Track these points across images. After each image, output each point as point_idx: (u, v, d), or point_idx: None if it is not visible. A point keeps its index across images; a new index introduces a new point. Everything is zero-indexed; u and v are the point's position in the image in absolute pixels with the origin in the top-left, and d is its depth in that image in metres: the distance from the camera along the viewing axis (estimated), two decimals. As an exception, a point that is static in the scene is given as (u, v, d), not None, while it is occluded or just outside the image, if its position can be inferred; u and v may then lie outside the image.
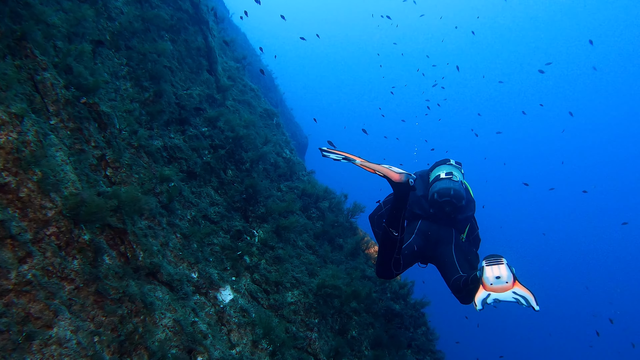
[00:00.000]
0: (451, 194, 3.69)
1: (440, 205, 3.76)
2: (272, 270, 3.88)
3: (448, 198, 3.70)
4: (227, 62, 7.37)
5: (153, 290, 2.93)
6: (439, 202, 3.74)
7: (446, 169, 3.97)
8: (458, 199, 3.71)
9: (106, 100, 3.66)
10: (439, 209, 3.80)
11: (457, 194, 3.70)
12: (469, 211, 3.92)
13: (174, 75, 4.95)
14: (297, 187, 5.40)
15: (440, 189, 3.76)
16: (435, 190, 3.81)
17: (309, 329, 3.60)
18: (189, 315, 3.06)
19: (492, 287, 2.78)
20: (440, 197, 3.74)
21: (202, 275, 3.43)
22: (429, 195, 3.90)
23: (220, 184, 4.38)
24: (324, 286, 3.88)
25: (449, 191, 3.71)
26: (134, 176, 3.33)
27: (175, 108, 4.60)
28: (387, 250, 3.16)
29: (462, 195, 3.73)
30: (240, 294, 3.53)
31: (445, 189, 3.73)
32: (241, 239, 3.99)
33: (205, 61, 5.76)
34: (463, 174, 4.10)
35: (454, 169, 4.00)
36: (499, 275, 2.77)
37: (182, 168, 4.07)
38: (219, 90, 5.77)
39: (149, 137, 3.95)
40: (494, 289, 2.77)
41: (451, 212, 3.79)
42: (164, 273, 3.06)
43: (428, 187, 4.00)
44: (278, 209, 4.54)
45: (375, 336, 3.98)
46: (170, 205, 3.54)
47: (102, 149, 3.20)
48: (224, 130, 4.89)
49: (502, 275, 2.76)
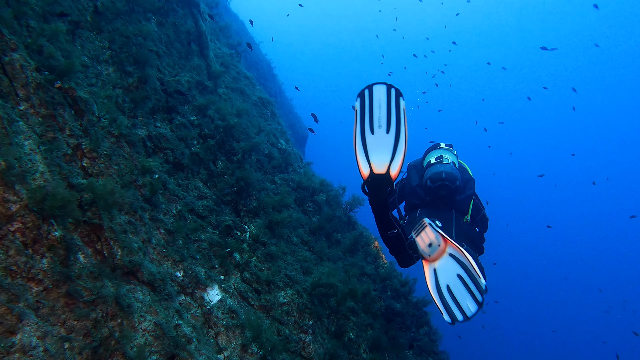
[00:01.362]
0: (443, 177, 3.70)
1: (435, 191, 3.77)
2: (264, 268, 3.71)
3: (440, 182, 3.72)
4: (221, 48, 7.14)
5: (132, 290, 2.76)
6: (432, 188, 3.77)
7: (436, 154, 4.00)
8: (451, 181, 3.71)
9: (85, 85, 3.46)
10: (435, 195, 3.81)
11: (449, 176, 3.70)
12: (468, 190, 3.90)
13: (160, 60, 4.74)
14: (292, 179, 5.21)
15: (432, 174, 3.78)
16: (427, 177, 3.82)
17: (303, 331, 3.44)
18: (172, 318, 2.89)
19: (431, 257, 2.73)
20: (433, 183, 3.76)
21: (188, 274, 3.26)
22: (423, 183, 3.90)
23: (209, 176, 4.20)
24: (319, 285, 3.71)
25: (440, 175, 3.72)
26: (113, 167, 3.15)
27: (161, 95, 4.40)
28: (396, 247, 3.11)
29: (455, 176, 3.73)
30: (229, 293, 3.37)
31: (437, 173, 3.75)
32: (231, 234, 3.82)
33: (195, 46, 5.54)
34: (456, 155, 4.12)
35: (444, 152, 4.02)
36: (430, 242, 2.75)
37: (167, 159, 3.89)
38: (210, 77, 5.56)
39: (132, 125, 3.76)
40: (434, 258, 2.73)
41: (447, 195, 3.78)
42: (145, 272, 2.89)
43: (422, 175, 4.01)
44: (271, 202, 4.36)
45: (374, 338, 3.82)
46: (154, 199, 3.36)
47: (78, 138, 3.01)
48: (215, 119, 4.69)
49: (432, 240, 2.73)
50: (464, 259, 2.58)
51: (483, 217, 4.01)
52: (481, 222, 3.97)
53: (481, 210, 3.99)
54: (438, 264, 2.71)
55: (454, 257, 2.65)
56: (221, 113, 4.80)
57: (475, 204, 3.95)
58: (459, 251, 2.62)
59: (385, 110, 2.64)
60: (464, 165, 4.17)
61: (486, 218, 4.07)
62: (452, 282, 2.62)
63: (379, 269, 5.23)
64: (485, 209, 4.05)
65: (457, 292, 2.57)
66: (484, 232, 3.98)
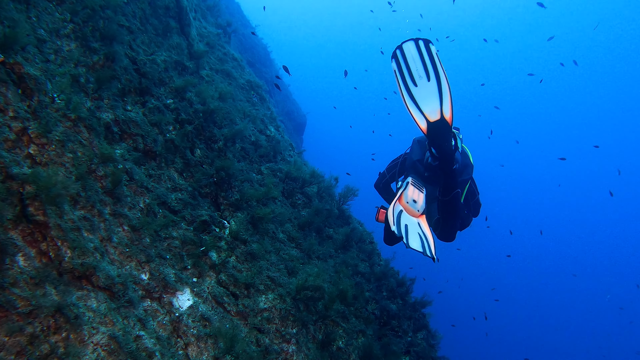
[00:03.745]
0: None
1: (434, 169, 3.82)
2: (243, 270, 3.38)
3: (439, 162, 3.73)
4: (207, 27, 6.73)
5: (84, 298, 2.44)
6: (432, 165, 3.82)
7: None
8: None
9: (37, 61, 3.09)
10: (433, 172, 3.87)
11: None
12: (465, 175, 4.00)
13: (134, 37, 4.35)
14: (280, 169, 4.86)
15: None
16: (429, 154, 3.83)
17: (285, 340, 3.13)
18: (133, 328, 2.57)
19: (406, 205, 3.03)
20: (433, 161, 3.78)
21: (155, 276, 2.93)
22: (424, 159, 3.97)
23: (185, 166, 3.85)
24: (305, 288, 3.39)
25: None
26: (66, 155, 2.80)
27: (134, 75, 4.02)
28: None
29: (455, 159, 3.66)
30: (202, 298, 3.04)
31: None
32: (207, 231, 3.49)
33: (175, 23, 5.14)
34: (461, 139, 4.16)
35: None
36: (416, 200, 3.06)
37: (137, 146, 3.54)
38: (191, 56, 5.17)
39: (96, 108, 3.40)
40: (407, 208, 3.02)
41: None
42: (102, 276, 2.56)
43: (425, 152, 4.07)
44: (255, 195, 4.02)
45: (366, 346, 3.51)
46: (116, 191, 3.02)
47: (23, 121, 2.65)
48: (194, 103, 4.33)
49: (418, 202, 3.05)
50: (429, 242, 2.86)
51: (476, 203, 4.10)
52: (474, 206, 4.10)
53: (475, 195, 4.10)
54: (408, 218, 2.97)
55: (422, 230, 2.93)
56: (201, 96, 4.43)
57: (471, 189, 4.05)
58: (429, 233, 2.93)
59: (420, 62, 2.79)
60: (466, 151, 4.17)
61: (479, 204, 4.15)
62: (411, 228, 2.92)
63: (374, 267, 4.91)
64: (479, 195, 4.15)
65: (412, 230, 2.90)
66: (474, 216, 4.13)
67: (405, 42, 2.84)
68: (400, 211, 2.99)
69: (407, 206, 3.05)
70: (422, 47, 2.80)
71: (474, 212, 4.13)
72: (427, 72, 2.78)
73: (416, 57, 2.81)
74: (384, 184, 4.40)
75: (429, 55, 2.79)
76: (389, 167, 4.42)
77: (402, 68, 2.85)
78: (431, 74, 2.77)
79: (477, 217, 4.21)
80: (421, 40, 2.81)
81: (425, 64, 2.79)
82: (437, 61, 2.79)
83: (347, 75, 9.65)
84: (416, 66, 2.81)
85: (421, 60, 2.80)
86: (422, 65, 2.80)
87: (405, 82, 2.84)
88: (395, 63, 2.87)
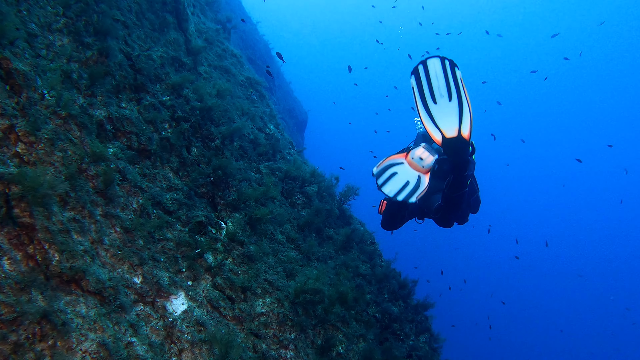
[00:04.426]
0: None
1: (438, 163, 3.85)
2: (240, 272, 3.29)
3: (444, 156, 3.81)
4: (206, 22, 6.63)
5: (73, 303, 2.35)
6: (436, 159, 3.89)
7: None
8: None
9: (27, 56, 3.00)
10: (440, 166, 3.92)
11: None
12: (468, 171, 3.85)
13: (129, 32, 4.26)
14: (279, 168, 4.77)
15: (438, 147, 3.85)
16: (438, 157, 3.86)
17: (283, 346, 3.04)
18: (124, 334, 2.49)
19: (411, 161, 3.05)
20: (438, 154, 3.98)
21: (148, 279, 2.85)
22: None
23: (181, 165, 3.76)
24: (303, 291, 3.30)
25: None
26: (56, 154, 2.71)
27: (129, 71, 3.93)
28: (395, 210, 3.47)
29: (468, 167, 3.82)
30: (197, 302, 2.96)
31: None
32: (203, 232, 3.40)
33: (172, 18, 5.04)
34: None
35: None
36: (423, 158, 3.06)
37: (131, 145, 3.45)
38: (189, 52, 5.07)
39: (89, 105, 3.31)
40: (411, 163, 3.05)
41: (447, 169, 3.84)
42: (91, 280, 2.48)
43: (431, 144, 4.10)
44: (254, 195, 3.93)
45: (367, 351, 3.43)
46: (109, 192, 2.93)
47: (11, 118, 2.56)
48: (190, 100, 4.23)
49: (425, 160, 3.05)
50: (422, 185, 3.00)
51: (476, 200, 4.12)
52: (474, 203, 4.11)
53: (475, 192, 4.12)
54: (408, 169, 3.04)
55: (420, 181, 3.01)
56: (199, 93, 4.34)
57: (471, 186, 3.97)
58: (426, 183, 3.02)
59: (443, 80, 2.70)
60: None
61: (479, 201, 4.18)
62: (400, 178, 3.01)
63: (376, 268, 4.82)
64: (479, 192, 4.18)
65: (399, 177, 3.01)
66: (473, 212, 4.16)
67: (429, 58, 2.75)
68: (399, 163, 3.04)
69: (411, 161, 3.05)
70: (448, 67, 2.71)
71: (474, 208, 4.13)
72: (449, 92, 2.68)
73: (440, 75, 2.71)
74: None
75: (453, 77, 2.70)
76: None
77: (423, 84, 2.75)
78: (453, 94, 2.68)
79: (475, 213, 4.22)
80: (447, 60, 2.72)
81: (448, 84, 2.69)
82: (461, 86, 2.70)
83: (344, 73, 9.52)
84: (438, 84, 2.71)
85: (445, 79, 2.69)
86: (445, 84, 2.70)
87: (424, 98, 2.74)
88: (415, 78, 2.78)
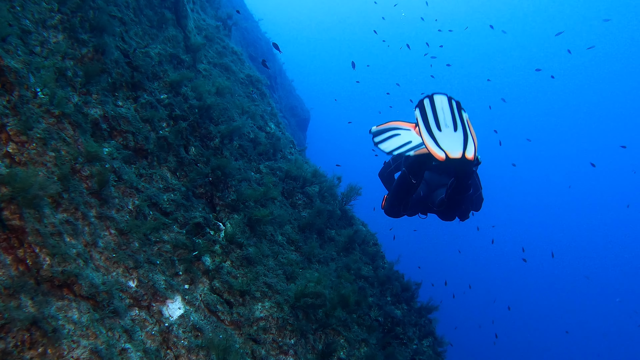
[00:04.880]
0: None
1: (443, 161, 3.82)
2: (239, 275, 3.22)
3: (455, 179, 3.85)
4: (206, 19, 6.55)
5: (64, 309, 2.28)
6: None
7: None
8: None
9: (20, 53, 2.93)
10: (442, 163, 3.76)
11: None
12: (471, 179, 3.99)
13: (126, 28, 4.18)
14: (280, 168, 4.69)
15: None
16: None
17: (283, 351, 2.96)
18: (118, 341, 2.42)
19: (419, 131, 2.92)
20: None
21: (144, 283, 2.78)
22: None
23: (179, 165, 3.68)
24: (304, 295, 3.22)
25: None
26: (48, 154, 2.64)
27: (125, 69, 3.86)
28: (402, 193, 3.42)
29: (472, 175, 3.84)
30: (194, 307, 2.88)
31: None
32: (201, 234, 3.32)
33: (171, 14, 4.96)
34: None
35: None
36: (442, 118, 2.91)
37: (127, 144, 3.37)
38: (188, 50, 5.00)
39: (84, 103, 3.23)
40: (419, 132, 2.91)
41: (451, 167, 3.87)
42: (84, 284, 2.40)
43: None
44: (253, 195, 3.85)
45: (369, 357, 3.35)
46: (103, 193, 2.86)
47: (2, 117, 2.49)
48: (189, 98, 4.16)
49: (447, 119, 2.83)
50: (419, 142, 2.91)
51: (479, 197, 4.16)
52: (476, 200, 4.14)
53: (478, 189, 4.15)
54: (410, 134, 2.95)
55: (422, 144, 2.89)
56: (198, 91, 4.26)
57: (474, 183, 4.08)
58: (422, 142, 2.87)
59: (449, 114, 2.72)
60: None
61: (481, 198, 4.21)
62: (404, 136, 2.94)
63: (378, 270, 4.74)
64: (482, 189, 4.20)
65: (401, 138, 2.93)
66: (475, 210, 4.20)
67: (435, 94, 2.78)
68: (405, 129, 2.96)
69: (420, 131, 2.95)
70: (454, 106, 2.73)
71: (476, 206, 4.18)
72: (455, 124, 2.70)
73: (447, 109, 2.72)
74: (389, 174, 4.45)
75: (460, 117, 2.72)
76: (395, 157, 4.40)
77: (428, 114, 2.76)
78: (459, 127, 2.69)
79: (478, 211, 4.26)
80: (454, 100, 2.75)
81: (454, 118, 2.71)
82: (467, 126, 2.72)
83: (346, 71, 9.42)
84: (444, 116, 2.72)
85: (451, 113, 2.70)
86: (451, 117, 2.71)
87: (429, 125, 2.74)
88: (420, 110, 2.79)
